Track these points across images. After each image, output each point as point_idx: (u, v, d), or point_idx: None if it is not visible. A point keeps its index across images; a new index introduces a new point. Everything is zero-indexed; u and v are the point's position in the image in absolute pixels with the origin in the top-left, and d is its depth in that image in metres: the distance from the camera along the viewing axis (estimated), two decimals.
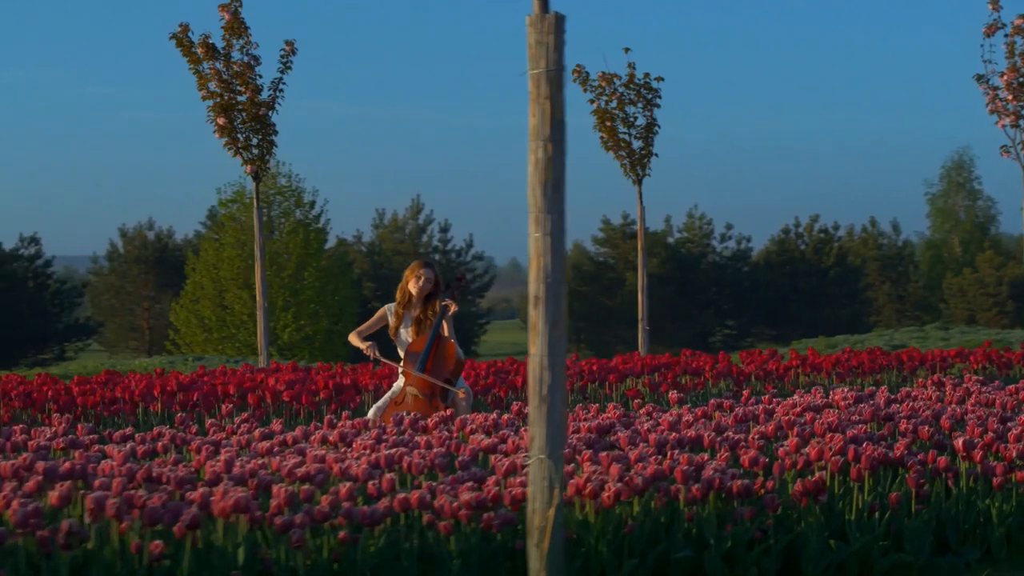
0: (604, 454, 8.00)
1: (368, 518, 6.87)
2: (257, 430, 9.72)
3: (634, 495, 7.36)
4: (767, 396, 11.08)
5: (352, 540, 6.83)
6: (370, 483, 7.57)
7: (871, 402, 10.66)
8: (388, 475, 7.49)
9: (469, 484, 7.50)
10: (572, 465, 7.82)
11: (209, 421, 10.46)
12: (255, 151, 19.32)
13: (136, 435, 9.56)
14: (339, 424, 9.98)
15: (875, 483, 8.38)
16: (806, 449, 8.22)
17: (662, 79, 20.77)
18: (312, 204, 45.78)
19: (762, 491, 7.80)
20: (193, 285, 45.57)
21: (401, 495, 7.08)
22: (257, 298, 19.56)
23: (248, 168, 19.46)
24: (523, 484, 7.37)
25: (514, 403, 10.64)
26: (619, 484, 7.23)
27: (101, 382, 14.33)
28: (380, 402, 11.54)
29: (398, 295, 11.52)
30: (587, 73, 20.98)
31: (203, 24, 18.68)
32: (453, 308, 11.23)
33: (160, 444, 9.29)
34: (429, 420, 9.91)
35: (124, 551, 6.68)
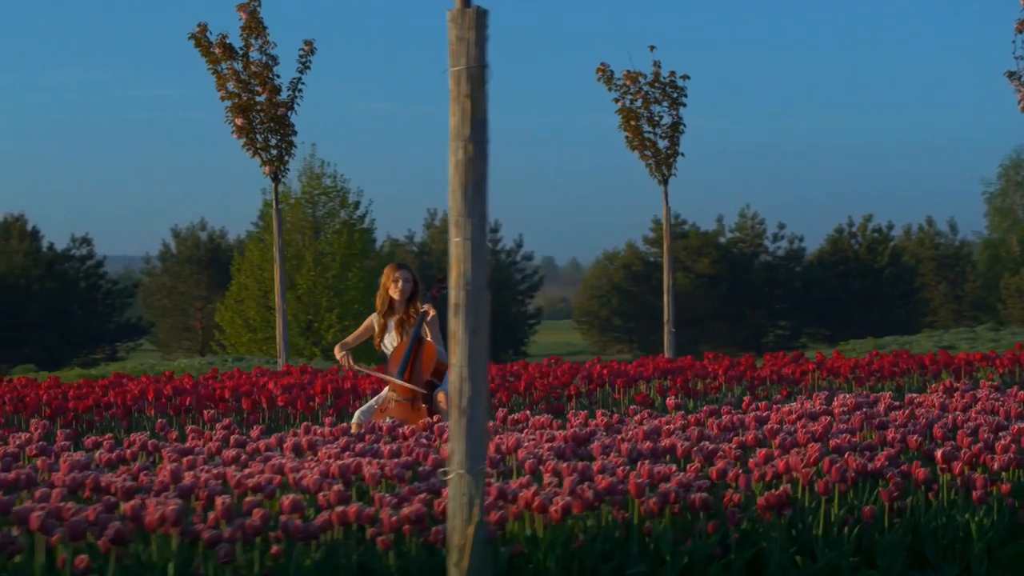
0: (565, 465, 7.75)
1: (302, 532, 6.64)
2: (233, 437, 9.53)
3: (587, 509, 7.09)
4: (764, 403, 10.77)
5: (290, 553, 6.62)
6: (320, 495, 7.35)
7: (868, 409, 10.31)
8: (336, 487, 7.26)
9: (421, 496, 7.26)
10: (527, 477, 7.57)
11: (189, 428, 10.27)
12: (274, 152, 19.16)
13: (104, 442, 9.39)
14: (319, 431, 9.77)
15: (854, 495, 8.09)
16: (775, 460, 7.91)
17: (688, 77, 20.44)
18: (357, 204, 45.66)
19: (729, 504, 7.53)
20: (238, 286, 45.58)
21: (339, 508, 6.84)
22: (276, 300, 19.43)
23: (267, 169, 19.32)
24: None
25: (500, 410, 10.39)
26: (568, 498, 6.96)
27: (103, 386, 14.20)
28: (364, 407, 11.36)
29: (377, 303, 11.34)
30: (611, 72, 20.68)
31: (235, 25, 18.48)
32: (432, 313, 11.04)
33: (129, 452, 9.12)
34: (406, 427, 9.68)
35: (52, 565, 6.49)
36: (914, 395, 11.41)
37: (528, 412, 10.73)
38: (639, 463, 8.04)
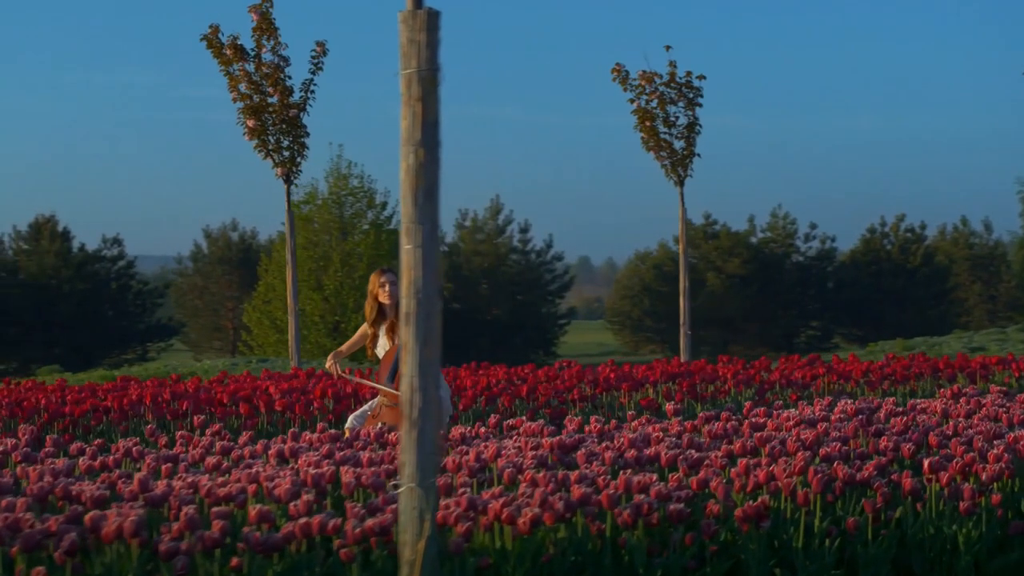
0: (542, 475, 7.60)
1: (262, 545, 6.51)
2: (219, 443, 9.42)
3: (559, 520, 6.93)
4: (763, 409, 10.58)
5: (252, 565, 6.49)
6: (291, 504, 7.23)
7: (868, 416, 10.12)
8: (305, 496, 7.13)
9: (393, 506, 7.12)
10: (500, 487, 7.42)
11: (179, 434, 10.16)
12: (286, 154, 19.06)
13: (87, 448, 9.30)
14: (308, 437, 9.64)
15: (842, 505, 7.91)
16: (756, 470, 7.74)
17: (704, 77, 20.25)
18: (384, 205, 45.58)
19: (709, 515, 7.36)
20: (265, 286, 45.57)
21: (303, 520, 6.71)
22: (288, 302, 19.33)
23: (279, 171, 19.22)
24: (445, 507, 6.99)
25: (492, 415, 10.25)
26: (537, 509, 6.81)
27: (106, 390, 14.11)
28: (358, 412, 11.24)
29: (366, 311, 11.19)
30: (627, 72, 20.49)
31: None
32: None
33: (112, 459, 9.02)
34: (393, 435, 9.55)
35: None
36: (917, 401, 11.21)
37: (524, 418, 10.58)
38: (622, 472, 7.89)
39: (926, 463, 7.95)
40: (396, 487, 5.64)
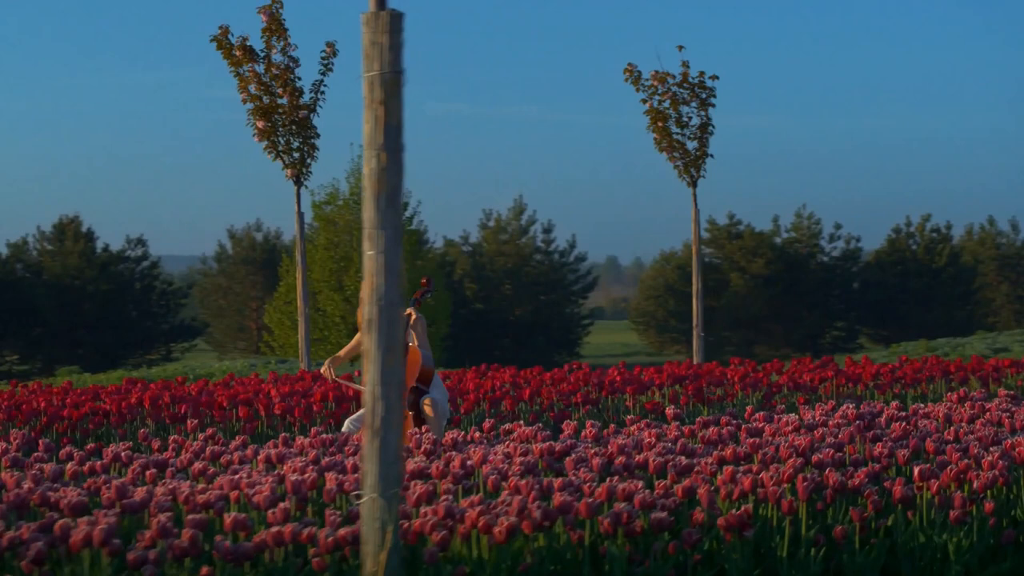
0: (524, 482, 7.49)
1: (232, 553, 6.42)
2: (209, 448, 9.34)
3: (537, 529, 6.82)
4: (762, 413, 10.46)
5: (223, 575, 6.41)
6: (269, 512, 7.14)
7: (869, 420, 9.96)
8: (282, 504, 7.04)
9: None
10: (480, 495, 7.31)
11: (171, 438, 10.09)
12: (296, 155, 18.99)
13: (76, 454, 9.23)
14: (301, 441, 9.55)
15: (832, 513, 7.78)
16: (741, 478, 7.61)
17: (716, 77, 20.07)
18: (405, 205, 45.47)
19: (695, 523, 7.24)
20: (286, 287, 45.52)
21: (275, 528, 6.62)
22: (298, 304, 19.26)
23: (289, 172, 19.14)
24: (423, 515, 6.90)
25: (487, 420, 10.14)
26: (514, 518, 6.70)
27: (110, 392, 14.05)
28: (355, 416, 11.16)
29: (359, 319, 11.09)
30: (639, 72, 20.35)
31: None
32: (414, 317, 10.84)
33: (99, 463, 8.94)
34: None
35: None
36: (919, 405, 11.06)
37: (522, 423, 10.45)
38: (609, 479, 7.78)
39: (916, 470, 7.81)
40: (359, 497, 5.54)
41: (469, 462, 8.13)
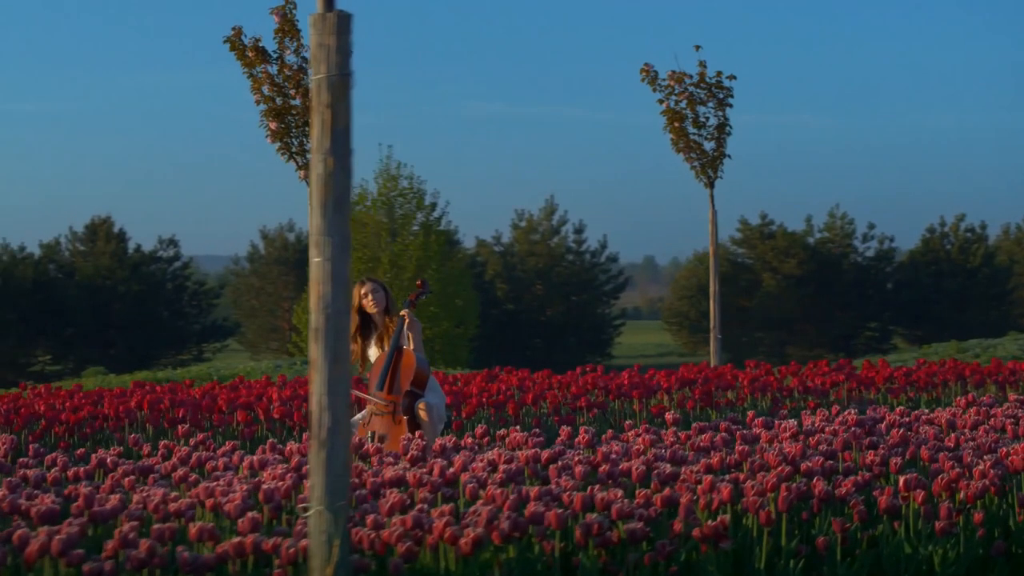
0: (499, 491, 7.35)
1: (191, 565, 6.30)
2: (196, 455, 9.24)
3: (506, 541, 6.68)
4: (761, 419, 10.28)
5: None
6: (239, 521, 7.02)
7: (859, 428, 9.78)
8: (251, 513, 6.92)
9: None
10: (450, 505, 7.17)
11: (162, 443, 10.00)
12: (309, 157, 18.89)
13: (60, 460, 9.14)
14: (293, 446, 9.44)
15: (819, 524, 7.61)
16: (720, 487, 7.45)
17: (734, 77, 19.87)
18: (433, 206, 45.43)
19: (673, 535, 7.09)
20: None
21: (236, 539, 6.50)
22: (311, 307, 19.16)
23: (302, 174, 19.03)
24: (393, 525, 6.77)
25: (479, 426, 10.00)
26: (480, 529, 6.56)
27: (115, 395, 13.99)
28: (351, 419, 11.04)
29: (350, 327, 10.96)
30: (655, 72, 20.16)
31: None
32: (408, 319, 10.72)
33: (83, 470, 8.86)
34: (369, 445, 9.33)
35: None
36: (922, 411, 10.86)
37: (518, 428, 10.31)
38: (590, 488, 7.63)
39: (901, 480, 7.63)
40: (305, 510, 5.41)
41: (447, 471, 7.99)
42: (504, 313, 56.80)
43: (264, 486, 7.48)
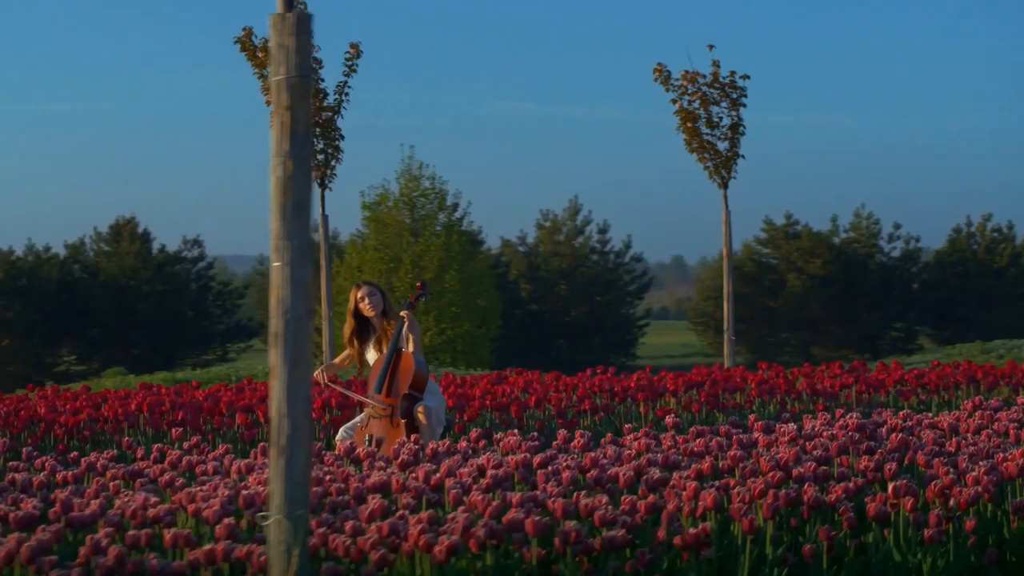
0: (480, 497, 7.25)
1: (159, 572, 6.23)
2: (184, 459, 9.18)
3: (482, 548, 6.59)
4: (761, 423, 10.15)
5: None
6: (217, 527, 6.94)
7: (859, 432, 9.64)
8: (227, 520, 6.84)
9: (321, 531, 6.81)
10: (429, 512, 7.07)
11: (155, 447, 9.94)
12: (320, 157, 18.85)
13: (48, 463, 9.10)
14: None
15: (809, 531, 7.50)
16: (703, 493, 7.33)
17: (748, 77, 19.74)
18: (455, 206, 45.34)
19: (657, 543, 6.98)
20: (336, 288, 45.46)
21: (208, 546, 6.42)
22: (322, 308, 19.12)
23: (313, 174, 18.99)
24: (369, 533, 6.68)
25: (474, 430, 9.91)
26: (456, 537, 6.46)
27: (120, 398, 13.95)
28: (349, 424, 11.00)
29: (346, 331, 10.92)
30: (668, 72, 20.04)
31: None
32: (408, 321, 10.66)
33: (71, 474, 8.81)
34: (361, 450, 9.26)
35: None
36: (924, 415, 10.71)
37: (516, 431, 10.22)
38: (576, 495, 7.53)
39: (891, 487, 7.50)
40: (264, 519, 5.32)
41: (432, 476, 7.91)
42: (528, 313, 56.68)
43: (243, 492, 7.39)
